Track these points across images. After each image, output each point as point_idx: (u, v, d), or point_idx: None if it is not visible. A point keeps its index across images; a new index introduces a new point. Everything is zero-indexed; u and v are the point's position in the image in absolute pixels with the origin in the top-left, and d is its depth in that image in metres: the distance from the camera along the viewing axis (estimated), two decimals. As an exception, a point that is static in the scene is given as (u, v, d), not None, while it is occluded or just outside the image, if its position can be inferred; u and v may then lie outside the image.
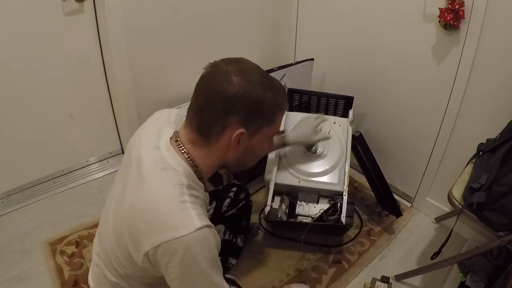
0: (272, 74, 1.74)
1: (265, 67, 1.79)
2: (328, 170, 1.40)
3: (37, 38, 1.47)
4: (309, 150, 1.41)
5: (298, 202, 1.42)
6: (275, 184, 1.39)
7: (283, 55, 2.12)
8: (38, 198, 1.71)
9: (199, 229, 0.69)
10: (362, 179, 1.93)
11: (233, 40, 1.91)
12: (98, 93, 1.76)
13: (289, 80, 1.80)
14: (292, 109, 1.66)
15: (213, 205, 1.24)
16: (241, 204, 1.30)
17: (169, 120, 0.89)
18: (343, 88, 1.88)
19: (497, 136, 1.24)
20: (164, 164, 0.76)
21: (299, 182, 1.39)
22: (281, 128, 1.29)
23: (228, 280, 1.08)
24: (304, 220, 1.37)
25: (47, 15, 1.45)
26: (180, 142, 0.80)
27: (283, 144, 1.34)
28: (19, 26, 1.41)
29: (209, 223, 0.73)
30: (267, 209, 1.35)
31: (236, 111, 0.74)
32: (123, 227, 0.76)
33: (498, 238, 1.10)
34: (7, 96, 1.50)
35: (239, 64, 0.77)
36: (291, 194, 1.44)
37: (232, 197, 1.28)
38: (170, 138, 0.82)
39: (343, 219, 1.31)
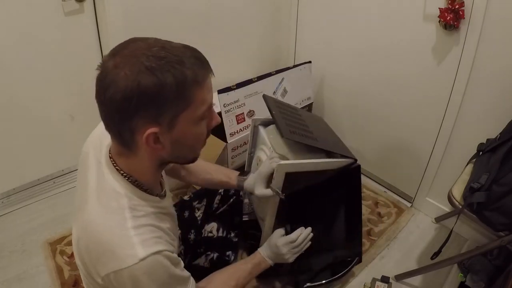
0: (270, 79, 1.76)
1: (264, 70, 1.83)
2: None
3: (37, 38, 1.47)
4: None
5: None
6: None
7: (283, 57, 2.12)
8: (38, 198, 1.71)
9: (143, 259, 0.65)
10: (362, 179, 1.93)
11: (233, 41, 1.91)
12: (98, 93, 1.76)
13: (288, 84, 1.80)
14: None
15: (204, 203, 1.24)
16: (231, 200, 1.30)
17: None
18: (344, 89, 1.88)
19: (497, 136, 1.24)
20: (104, 184, 0.72)
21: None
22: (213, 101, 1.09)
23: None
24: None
25: (47, 15, 1.45)
26: (112, 158, 0.74)
27: (240, 188, 1.15)
28: (19, 26, 1.41)
29: (157, 248, 0.67)
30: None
31: (135, 110, 0.62)
32: (81, 249, 0.73)
33: (498, 238, 1.11)
34: (7, 96, 1.50)
35: (125, 50, 0.64)
36: None
37: (221, 193, 1.28)
38: (110, 149, 0.75)
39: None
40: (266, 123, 1.29)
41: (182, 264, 0.77)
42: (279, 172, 1.07)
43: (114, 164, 0.73)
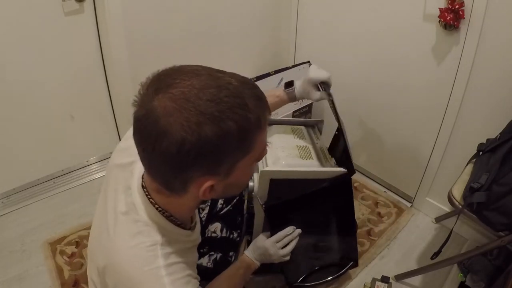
0: (269, 79, 1.76)
1: (264, 70, 1.83)
2: None
3: (37, 38, 1.47)
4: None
5: None
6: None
7: (283, 57, 2.12)
8: (38, 198, 1.71)
9: None
10: (362, 179, 1.94)
11: (233, 42, 1.91)
12: (98, 93, 1.76)
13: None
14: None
15: (208, 203, 1.24)
16: (235, 200, 1.30)
17: None
18: (343, 89, 1.88)
19: (497, 136, 1.24)
20: (135, 215, 0.68)
21: None
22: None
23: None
24: None
25: (47, 15, 1.45)
26: (146, 190, 0.68)
27: (293, 99, 1.18)
28: (19, 26, 1.41)
29: None
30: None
31: (191, 164, 0.56)
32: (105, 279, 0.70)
33: (498, 238, 1.11)
34: (7, 96, 1.50)
35: (174, 90, 0.54)
36: None
37: None
38: (142, 176, 0.70)
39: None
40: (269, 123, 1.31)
41: None
42: (263, 178, 1.08)
43: (149, 197, 0.68)
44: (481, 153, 1.24)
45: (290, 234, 1.11)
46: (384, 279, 1.39)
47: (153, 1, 1.56)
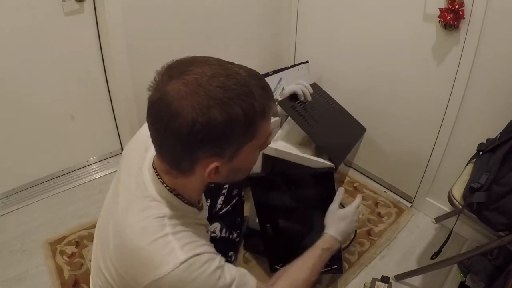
0: (268, 79, 1.75)
1: (264, 70, 1.83)
2: None
3: (37, 38, 1.47)
4: None
5: None
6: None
7: (283, 57, 2.12)
8: (38, 198, 1.71)
9: (183, 262, 0.64)
10: (362, 179, 1.94)
11: (233, 42, 1.91)
12: (98, 93, 1.76)
13: (286, 84, 1.80)
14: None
15: (208, 203, 1.25)
16: (234, 201, 1.31)
17: None
18: (343, 89, 1.88)
19: (497, 136, 1.24)
20: (145, 191, 0.71)
21: None
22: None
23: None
24: None
25: (47, 15, 1.45)
26: (156, 171, 0.73)
27: (275, 114, 1.28)
28: (19, 26, 1.41)
29: (197, 251, 0.66)
30: None
31: (200, 145, 0.60)
32: (121, 258, 0.71)
33: (498, 238, 1.11)
34: (7, 96, 1.50)
35: (187, 76, 0.59)
36: None
37: (225, 194, 1.29)
38: (153, 159, 0.75)
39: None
40: None
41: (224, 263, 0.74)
42: None
43: (158, 177, 0.72)
44: (481, 153, 1.24)
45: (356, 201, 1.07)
46: (384, 279, 1.39)
47: (153, 2, 1.56)
